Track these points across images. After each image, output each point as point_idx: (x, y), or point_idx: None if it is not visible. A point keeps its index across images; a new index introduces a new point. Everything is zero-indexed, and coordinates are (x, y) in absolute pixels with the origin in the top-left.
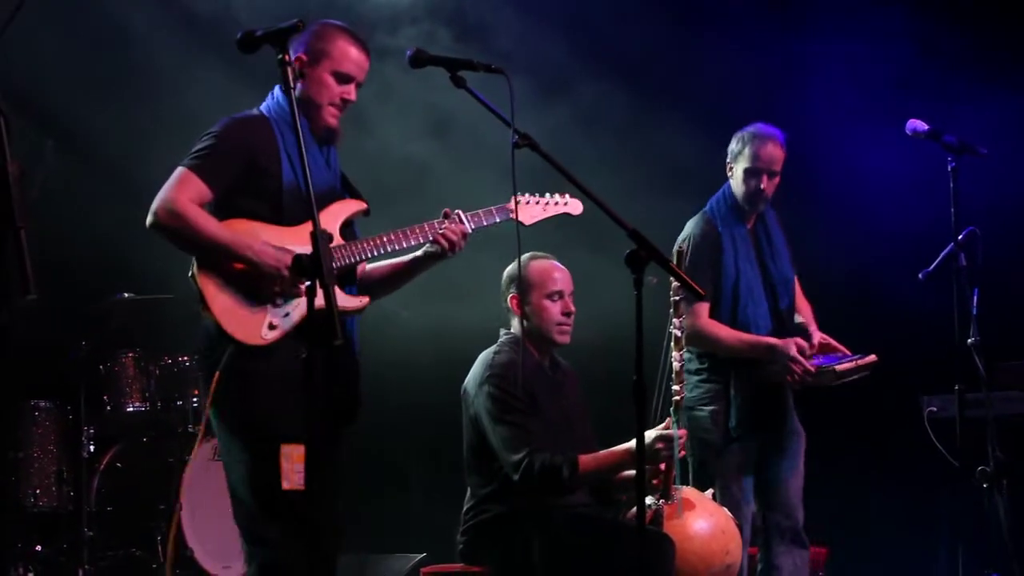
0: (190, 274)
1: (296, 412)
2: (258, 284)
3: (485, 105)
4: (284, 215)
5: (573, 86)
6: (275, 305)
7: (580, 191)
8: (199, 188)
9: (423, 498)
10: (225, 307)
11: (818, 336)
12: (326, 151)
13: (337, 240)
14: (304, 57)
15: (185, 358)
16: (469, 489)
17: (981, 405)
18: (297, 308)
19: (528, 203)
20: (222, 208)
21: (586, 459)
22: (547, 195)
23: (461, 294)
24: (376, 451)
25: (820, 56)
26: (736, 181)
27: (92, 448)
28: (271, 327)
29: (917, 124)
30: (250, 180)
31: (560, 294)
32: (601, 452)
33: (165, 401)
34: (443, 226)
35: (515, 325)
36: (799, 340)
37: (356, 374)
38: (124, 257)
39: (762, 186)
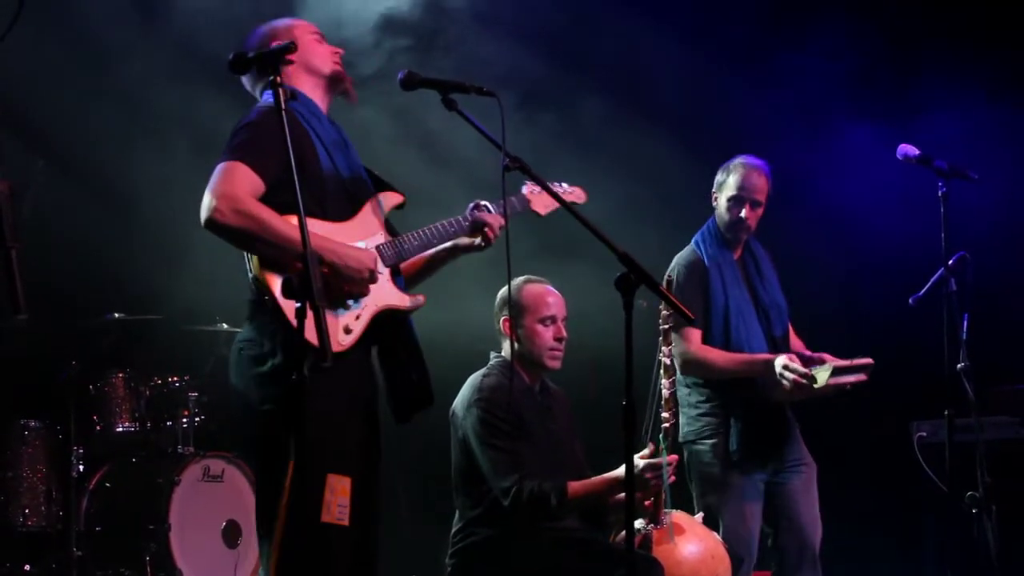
0: (251, 275)
1: (351, 438)
2: (331, 286)
3: (477, 128)
4: (328, 209)
5: (556, 102)
6: (345, 308)
7: (571, 213)
8: (252, 181)
9: (411, 518)
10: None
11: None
12: (336, 130)
13: (385, 236)
14: (294, 48)
15: (175, 378)
16: (457, 511)
17: (971, 430)
18: (366, 310)
19: (541, 193)
20: (267, 204)
21: (575, 486)
22: (555, 184)
23: (450, 314)
24: None
25: (807, 74)
26: (720, 210)
27: (81, 468)
28: (347, 331)
29: (908, 149)
30: (292, 172)
31: (553, 319)
32: (590, 479)
33: (155, 421)
34: (479, 218)
35: (506, 348)
36: (790, 354)
37: (422, 361)
38: (114, 277)
39: (743, 215)
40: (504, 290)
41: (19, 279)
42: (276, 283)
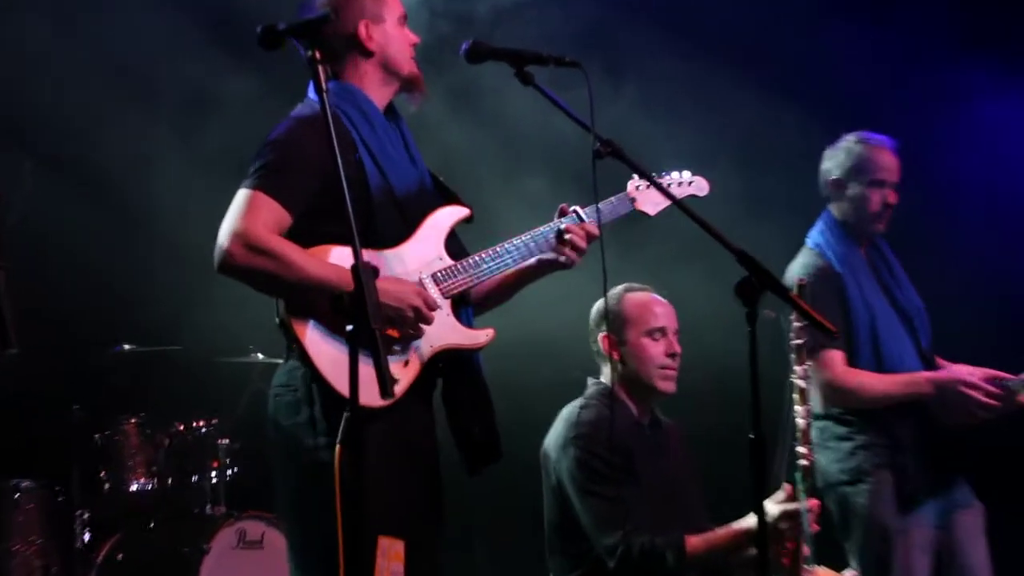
0: (277, 321)
1: (405, 496)
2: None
3: (560, 108)
4: (378, 233)
5: (642, 68)
6: (391, 353)
7: (678, 207)
8: (276, 213)
9: (489, 565)
10: (334, 360)
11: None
12: (396, 126)
13: (446, 259)
14: (365, 21)
15: (200, 423)
16: (552, 573)
17: None
18: (417, 354)
19: (648, 188)
20: (300, 236)
21: (695, 541)
22: (666, 174)
23: (534, 333)
24: None
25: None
26: (850, 201)
27: (87, 537)
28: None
29: None
30: (332, 195)
31: (662, 331)
32: (713, 531)
33: (177, 476)
34: (565, 229)
35: (606, 372)
36: (965, 366)
37: (490, 407)
38: (123, 300)
39: (890, 200)
40: (600, 302)
41: (7, 306)
42: (306, 330)
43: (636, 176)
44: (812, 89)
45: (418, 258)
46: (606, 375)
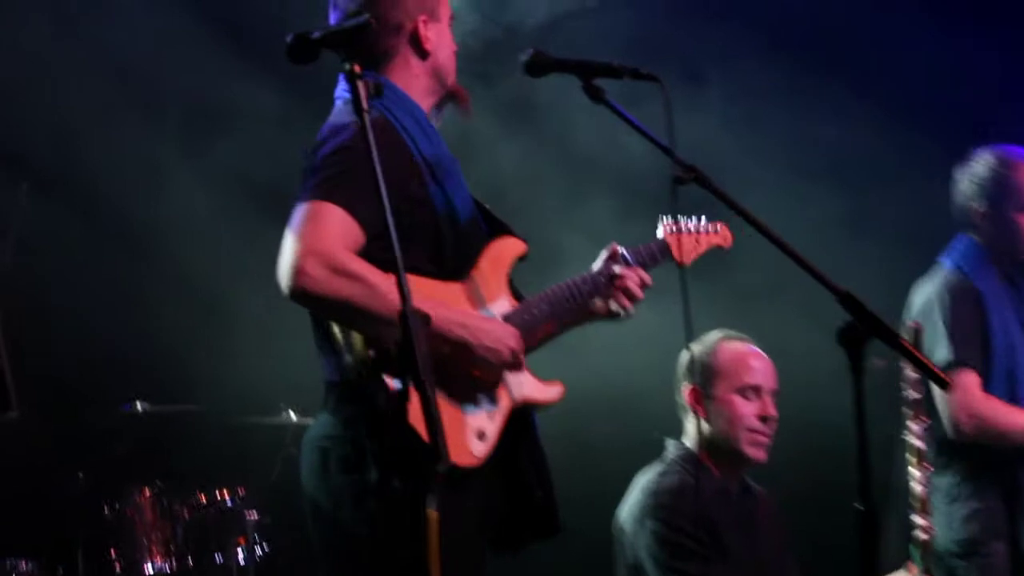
0: (348, 359)
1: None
2: (458, 374)
3: (636, 128)
4: (446, 265)
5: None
6: (475, 403)
7: (773, 243)
8: (352, 231)
9: None
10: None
11: None
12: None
13: (511, 301)
14: (424, 17)
15: (225, 493)
16: None
17: None
18: (502, 406)
19: (682, 232)
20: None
21: None
22: (693, 220)
23: (607, 386)
24: None
25: None
26: (995, 227)
27: None
28: (480, 436)
29: None
30: (400, 218)
31: (757, 390)
32: None
33: (199, 555)
34: (617, 274)
35: (690, 432)
36: None
37: (548, 473)
38: (134, 350)
39: None
40: (691, 349)
41: (7, 364)
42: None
43: (667, 219)
44: (919, 97)
45: (488, 295)
46: (689, 436)
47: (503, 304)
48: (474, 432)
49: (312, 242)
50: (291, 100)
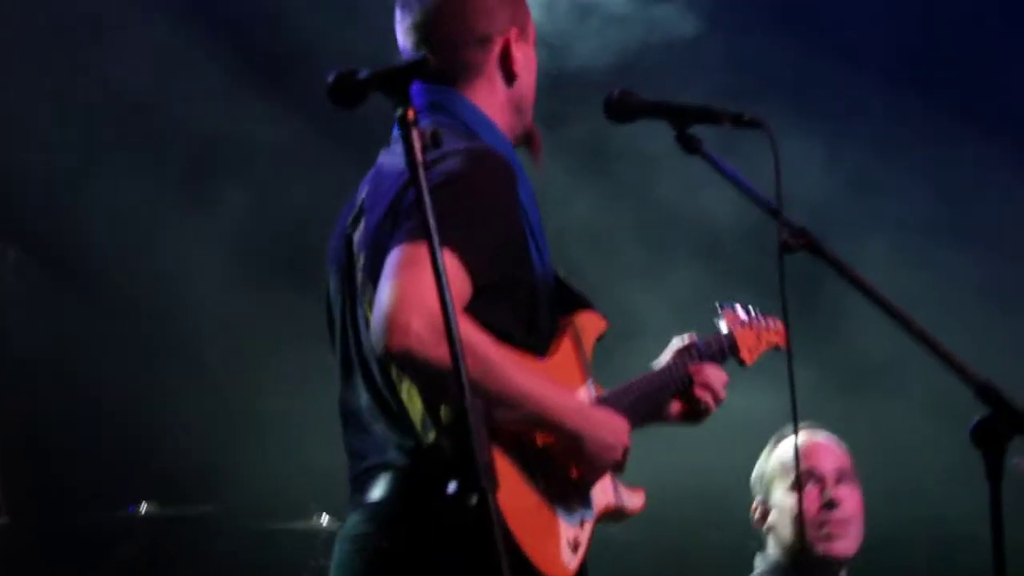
0: (426, 436)
1: None
2: (556, 470)
3: (740, 185)
4: (536, 333)
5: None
6: (569, 509)
7: (898, 321)
8: (463, 285)
9: None
10: (517, 509)
11: None
12: None
13: (594, 386)
14: (516, 32)
15: None
16: None
17: None
18: (594, 514)
19: (744, 326)
20: None
21: None
22: (751, 311)
23: (698, 486)
24: None
25: None
26: None
27: None
28: (573, 547)
29: None
30: (500, 271)
31: (814, 477)
32: None
33: None
34: (698, 371)
35: (771, 546)
36: None
37: None
38: (139, 441)
39: None
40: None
41: None
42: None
43: (728, 308)
44: None
45: (575, 376)
46: (771, 550)
47: (587, 389)
48: (568, 542)
49: (417, 293)
50: (311, 133)
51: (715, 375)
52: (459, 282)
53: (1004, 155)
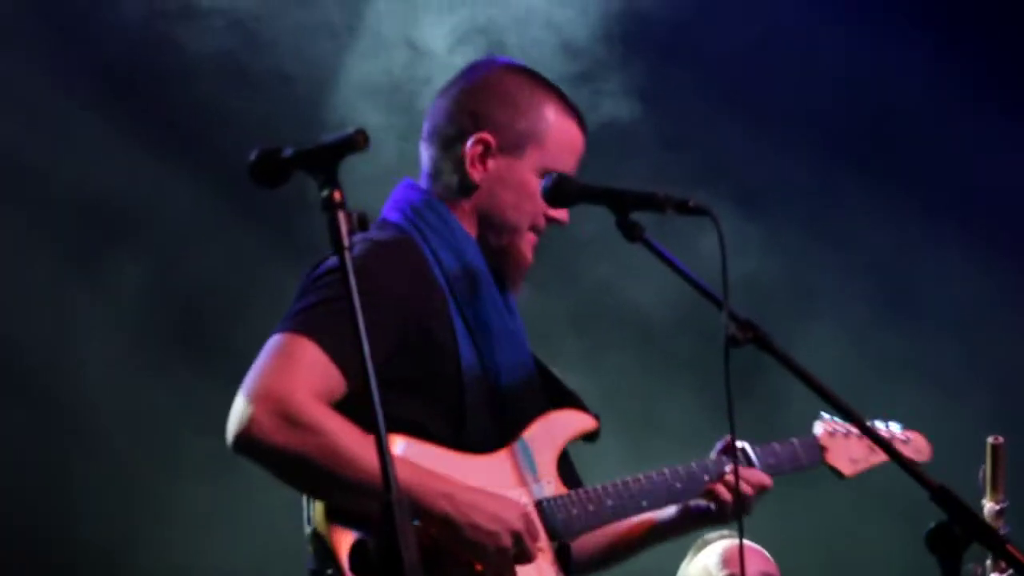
0: (310, 530)
1: None
2: (449, 561)
3: (680, 272)
4: (466, 431)
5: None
6: None
7: (852, 421)
8: (328, 375)
9: None
10: None
11: None
12: (505, 299)
13: (556, 485)
14: (492, 139)
15: None
16: None
17: None
18: None
19: (846, 436)
20: (356, 417)
21: None
22: (879, 425)
23: None
24: None
25: None
26: None
27: None
28: None
29: None
30: (413, 364)
31: None
32: None
33: None
34: (725, 470)
35: None
36: None
37: None
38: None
39: None
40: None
41: None
42: (347, 546)
43: (828, 419)
44: None
45: (519, 476)
46: None
47: (545, 487)
48: None
49: (271, 384)
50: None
51: (753, 477)
52: (322, 372)
53: (947, 235)
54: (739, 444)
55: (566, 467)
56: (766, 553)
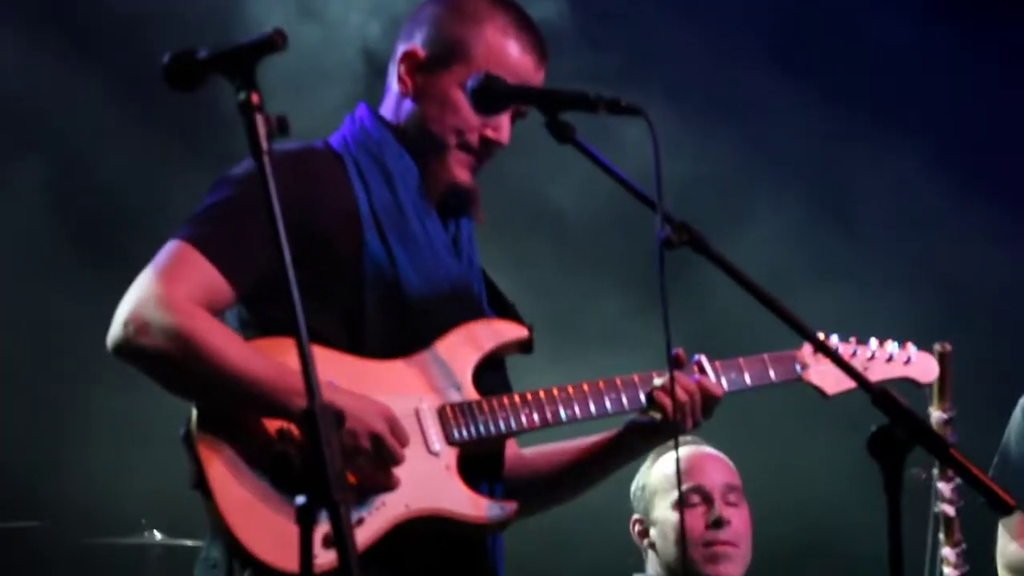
0: (182, 432)
1: None
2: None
3: (612, 174)
4: (367, 335)
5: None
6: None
7: (794, 328)
8: (211, 280)
9: None
10: (243, 503)
11: None
12: (454, 225)
13: (467, 391)
14: (421, 52)
15: None
16: None
17: None
18: (379, 512)
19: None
20: (247, 322)
21: None
22: (873, 344)
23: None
24: None
25: None
26: None
27: None
28: (327, 543)
29: None
30: (307, 270)
31: (701, 493)
32: None
33: None
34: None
35: (651, 565)
36: None
37: None
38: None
39: None
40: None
41: None
42: (215, 459)
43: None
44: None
45: (424, 382)
46: (651, 570)
47: (448, 394)
48: (321, 536)
49: (152, 289)
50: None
51: (687, 387)
52: (206, 279)
53: (890, 135)
54: (697, 357)
55: (495, 377)
56: (729, 462)
